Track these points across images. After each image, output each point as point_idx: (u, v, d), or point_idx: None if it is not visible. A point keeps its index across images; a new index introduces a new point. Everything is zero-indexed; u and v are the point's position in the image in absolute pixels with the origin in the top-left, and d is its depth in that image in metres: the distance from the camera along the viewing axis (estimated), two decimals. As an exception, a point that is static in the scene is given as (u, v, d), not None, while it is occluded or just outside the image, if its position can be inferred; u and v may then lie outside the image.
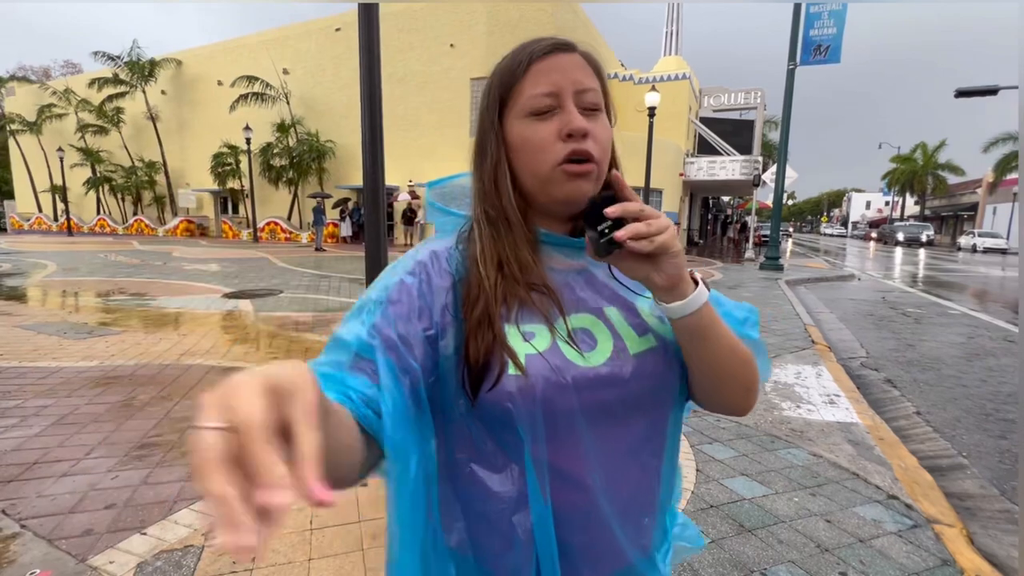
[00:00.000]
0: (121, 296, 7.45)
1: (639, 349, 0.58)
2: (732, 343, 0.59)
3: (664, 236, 0.51)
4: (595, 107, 0.58)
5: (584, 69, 0.58)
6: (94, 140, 26.31)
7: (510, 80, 0.59)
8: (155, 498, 2.17)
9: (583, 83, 0.57)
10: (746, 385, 0.61)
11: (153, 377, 3.88)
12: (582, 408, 0.55)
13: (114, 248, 16.23)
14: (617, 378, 0.57)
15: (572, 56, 0.59)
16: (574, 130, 0.55)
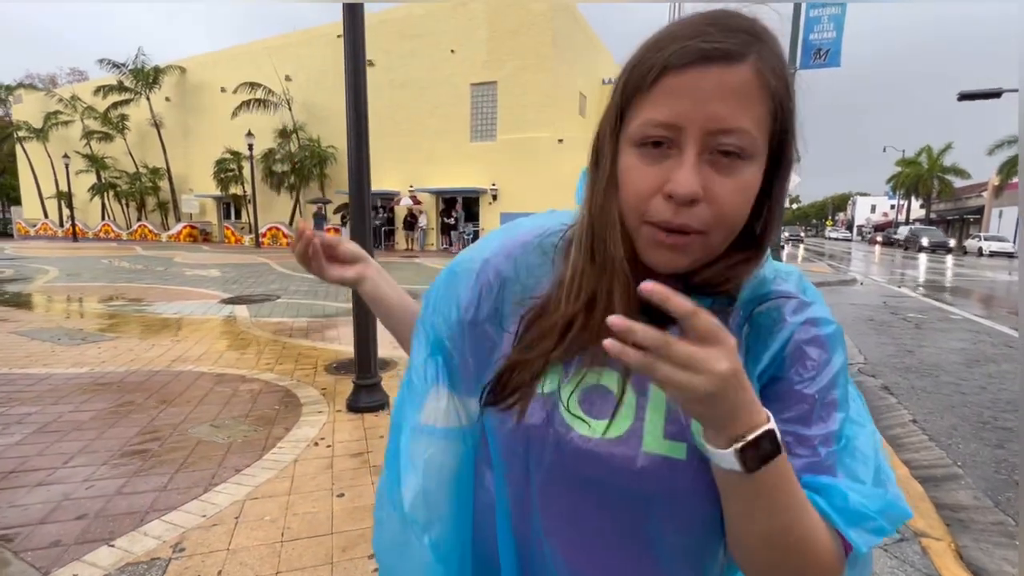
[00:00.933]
0: (118, 302, 7.47)
1: (656, 451, 0.47)
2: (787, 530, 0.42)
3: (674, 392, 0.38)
4: (737, 153, 0.42)
5: (742, 94, 0.42)
6: (99, 147, 26.56)
7: (636, 87, 0.45)
8: (127, 509, 2.14)
9: (723, 121, 0.41)
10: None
11: (141, 384, 3.86)
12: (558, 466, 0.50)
13: (117, 254, 16.32)
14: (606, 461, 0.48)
15: (733, 72, 0.41)
16: (676, 195, 0.42)
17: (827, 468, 0.46)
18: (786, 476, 0.42)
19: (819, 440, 0.46)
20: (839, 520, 0.44)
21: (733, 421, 0.39)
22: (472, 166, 18.64)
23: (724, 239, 0.46)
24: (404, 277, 10.98)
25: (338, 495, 2.31)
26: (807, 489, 0.44)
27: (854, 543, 0.43)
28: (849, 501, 0.44)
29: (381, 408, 3.44)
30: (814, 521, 0.43)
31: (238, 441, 2.88)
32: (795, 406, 0.47)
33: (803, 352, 0.47)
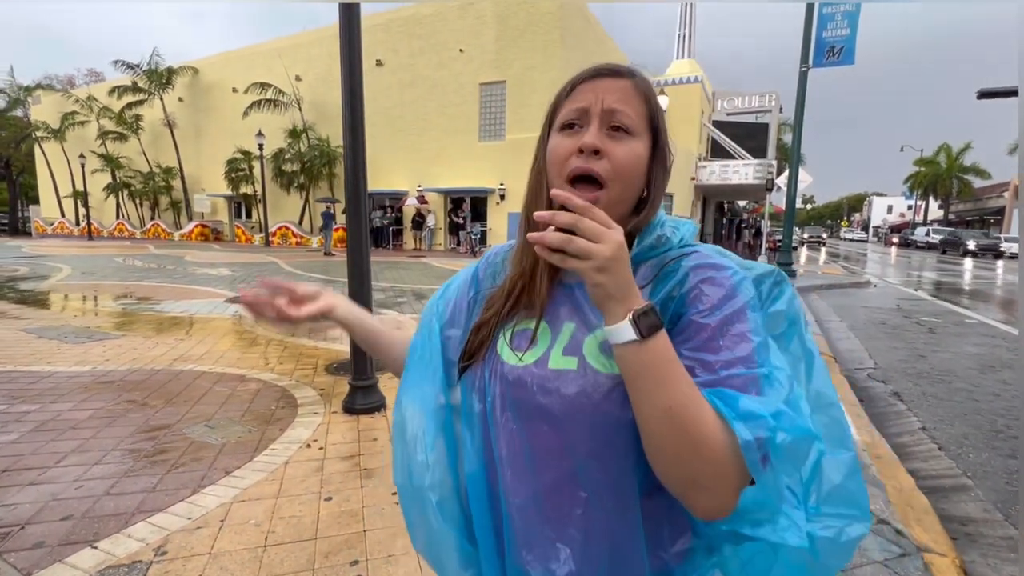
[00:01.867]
0: (127, 300, 7.55)
1: (557, 366, 0.60)
2: (670, 407, 0.49)
3: (578, 263, 0.50)
4: (624, 128, 0.60)
5: (626, 93, 0.61)
6: (114, 146, 26.97)
7: (559, 97, 0.66)
8: (114, 510, 2.13)
9: (614, 104, 0.60)
10: (687, 474, 0.51)
11: (141, 383, 3.88)
12: (496, 396, 0.63)
13: (130, 252, 16.55)
14: (526, 381, 0.61)
15: (618, 81, 0.62)
16: (584, 145, 0.59)
17: (731, 387, 0.52)
18: (670, 353, 0.52)
19: (720, 364, 0.54)
20: (728, 413, 0.50)
21: (628, 295, 0.51)
22: (480, 166, 18.61)
23: (621, 193, 0.61)
24: (411, 277, 10.99)
25: (326, 499, 2.29)
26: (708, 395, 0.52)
27: (739, 434, 0.48)
28: (740, 402, 0.51)
29: (377, 410, 3.42)
30: (707, 409, 0.50)
31: (232, 442, 2.87)
32: (696, 335, 0.56)
33: (700, 291, 0.58)
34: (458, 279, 0.79)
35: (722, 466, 0.49)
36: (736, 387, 0.52)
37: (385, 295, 8.38)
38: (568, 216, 0.50)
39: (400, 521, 2.12)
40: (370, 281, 3.50)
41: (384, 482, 2.47)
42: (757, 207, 36.96)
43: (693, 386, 0.51)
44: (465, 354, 0.69)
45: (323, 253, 16.81)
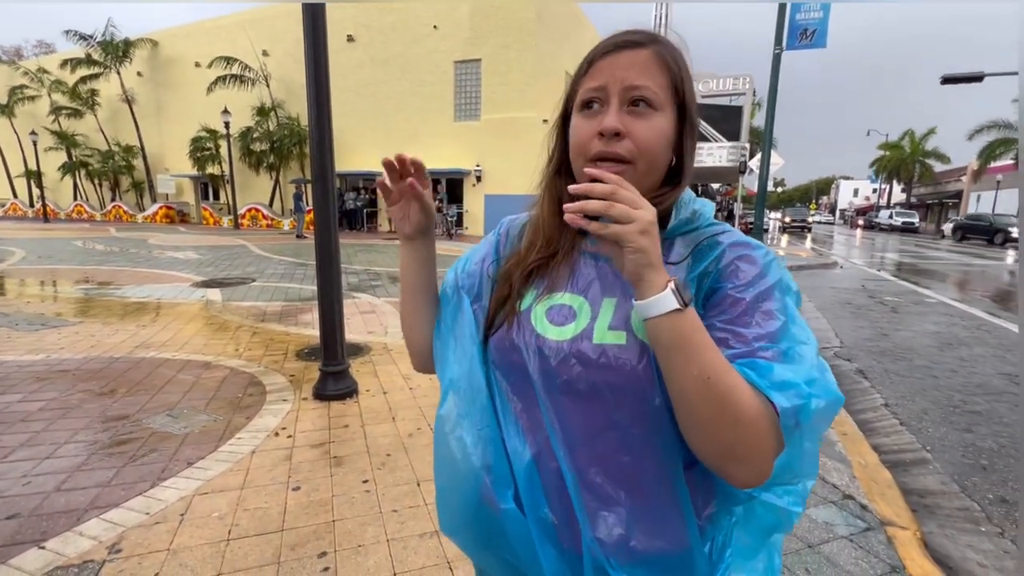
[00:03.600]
0: (85, 285, 7.21)
1: (603, 340, 0.60)
2: (706, 375, 0.51)
3: (621, 228, 0.51)
4: (646, 102, 0.59)
5: (645, 66, 0.59)
6: (68, 123, 25.54)
7: (577, 75, 0.64)
8: (64, 507, 2.03)
9: (633, 80, 0.59)
10: (724, 445, 0.52)
11: (98, 372, 3.71)
12: (537, 371, 0.63)
13: (90, 235, 15.81)
14: (572, 357, 0.61)
15: (636, 53, 0.60)
16: (604, 129, 0.59)
17: (766, 356, 0.54)
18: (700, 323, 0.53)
19: (753, 337, 0.55)
20: (762, 383, 0.52)
21: (662, 265, 0.53)
22: (456, 146, 18.30)
23: (648, 169, 0.60)
24: (386, 260, 10.79)
25: (293, 488, 2.22)
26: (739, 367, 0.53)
27: (777, 402, 0.50)
28: (774, 371, 0.52)
29: (349, 396, 3.34)
30: (740, 379, 0.52)
31: (195, 432, 2.77)
32: (730, 308, 0.57)
33: (736, 267, 0.59)
34: (479, 251, 0.78)
35: (759, 434, 0.51)
36: (767, 359, 0.54)
37: (359, 278, 8.21)
38: (605, 186, 0.51)
39: (371, 510, 2.08)
40: (339, 264, 3.39)
41: (355, 469, 2.41)
42: (730, 190, 37.44)
43: (721, 355, 0.53)
44: (490, 325, 0.70)
45: (295, 236, 16.36)
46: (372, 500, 2.14)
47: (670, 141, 0.61)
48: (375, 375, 3.80)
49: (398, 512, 2.06)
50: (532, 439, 0.64)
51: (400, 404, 3.25)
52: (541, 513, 0.63)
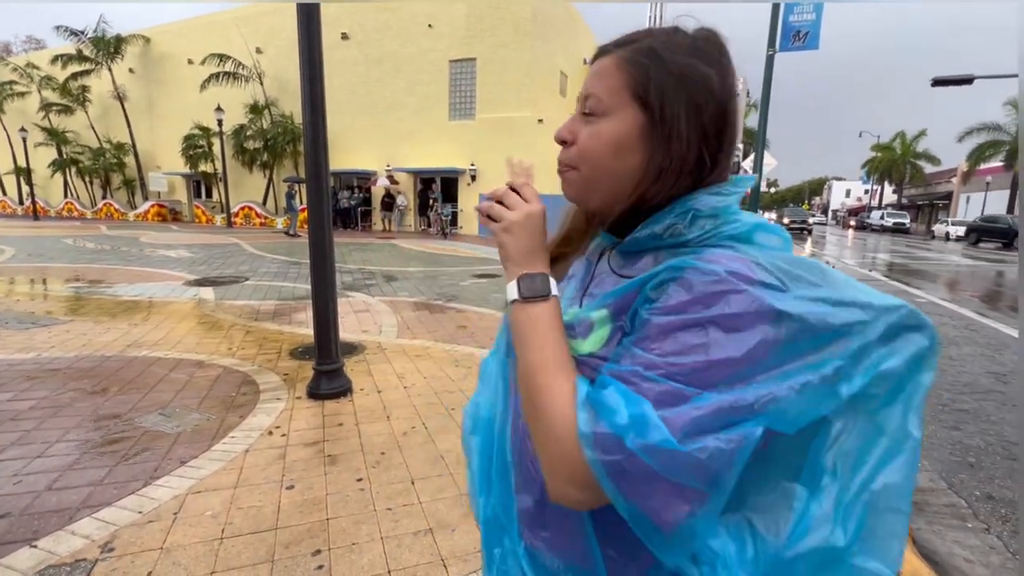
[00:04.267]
0: (77, 283, 7.15)
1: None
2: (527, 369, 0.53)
3: (491, 224, 0.60)
4: (591, 112, 0.58)
5: (601, 72, 0.58)
6: (59, 120, 25.28)
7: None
8: (56, 505, 2.02)
9: (587, 88, 0.59)
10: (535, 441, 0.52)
11: (90, 370, 3.68)
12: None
13: (81, 233, 15.67)
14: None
15: (603, 60, 0.59)
16: (555, 138, 0.61)
17: (627, 381, 0.47)
18: (551, 323, 0.54)
19: (641, 361, 0.47)
20: (580, 396, 0.48)
21: (527, 261, 0.57)
22: (451, 145, 18.28)
23: (593, 176, 0.58)
24: (381, 259, 10.78)
25: (287, 487, 2.22)
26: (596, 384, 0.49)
27: (578, 420, 0.46)
28: (605, 392, 0.47)
29: (343, 394, 3.34)
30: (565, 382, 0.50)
31: (188, 431, 2.76)
32: (639, 329, 0.50)
33: (664, 289, 0.50)
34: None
35: (557, 447, 0.48)
36: (641, 390, 0.45)
37: (353, 278, 8.19)
38: (500, 189, 0.61)
39: (365, 508, 2.09)
40: (333, 262, 3.38)
41: (349, 468, 2.41)
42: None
43: (562, 358, 0.52)
44: None
45: (286, 234, 16.27)
46: (366, 498, 2.15)
47: (623, 146, 0.55)
48: (369, 374, 3.80)
49: (392, 510, 2.07)
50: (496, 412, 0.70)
51: (394, 403, 3.25)
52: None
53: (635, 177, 0.56)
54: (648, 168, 0.55)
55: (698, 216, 0.54)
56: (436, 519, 2.02)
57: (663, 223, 0.55)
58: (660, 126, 0.54)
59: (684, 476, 0.43)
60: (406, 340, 4.72)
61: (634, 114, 0.55)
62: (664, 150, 0.54)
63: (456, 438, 2.76)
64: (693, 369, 0.45)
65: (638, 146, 0.55)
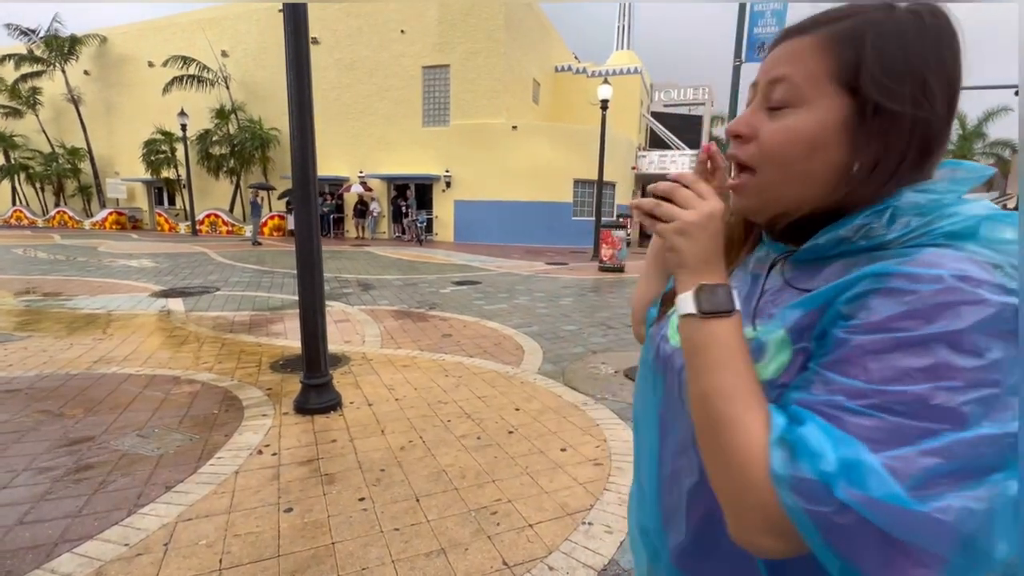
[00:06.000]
0: (31, 296, 6.73)
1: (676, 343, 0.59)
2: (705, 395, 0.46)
3: (661, 225, 0.51)
4: (784, 102, 0.50)
5: (797, 54, 0.49)
6: (7, 123, 23.94)
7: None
8: (31, 541, 1.84)
9: (775, 72, 0.51)
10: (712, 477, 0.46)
11: (55, 390, 3.44)
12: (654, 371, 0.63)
13: (32, 242, 14.81)
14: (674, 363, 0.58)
15: (797, 41, 0.50)
16: (727, 131, 0.54)
17: (829, 416, 0.40)
18: (736, 342, 0.46)
19: (843, 389, 0.40)
20: (775, 432, 0.41)
21: (704, 269, 0.49)
22: (425, 152, 18.14)
23: (778, 181, 0.51)
24: (356, 266, 10.55)
25: (285, 510, 2.10)
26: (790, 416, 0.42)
27: (772, 462, 0.40)
28: (804, 428, 0.40)
29: (333, 409, 3.21)
30: (756, 415, 0.43)
31: (170, 452, 2.59)
32: (833, 351, 0.43)
33: (865, 302, 0.42)
34: None
35: (746, 489, 0.42)
36: (842, 424, 0.39)
37: (329, 286, 7.98)
38: (666, 185, 0.52)
39: (371, 529, 1.99)
40: (321, 271, 3.26)
41: (349, 487, 2.30)
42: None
43: (750, 385, 0.45)
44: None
45: (252, 243, 15.72)
46: (371, 519, 2.05)
47: (820, 143, 0.48)
48: (357, 386, 3.68)
49: (400, 531, 1.98)
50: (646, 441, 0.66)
51: (388, 416, 3.14)
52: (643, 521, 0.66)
53: (828, 178, 0.48)
54: (852, 167, 0.47)
55: (899, 213, 0.46)
56: (447, 538, 1.94)
57: (851, 225, 0.47)
58: (875, 119, 0.46)
59: (921, 538, 0.35)
60: (391, 350, 4.60)
61: (840, 104, 0.47)
62: (878, 145, 0.46)
63: (456, 451, 2.68)
64: (917, 400, 0.37)
65: (838, 142, 0.47)
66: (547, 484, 2.37)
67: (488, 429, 2.97)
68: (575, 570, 1.79)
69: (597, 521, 2.08)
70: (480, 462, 2.56)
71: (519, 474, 2.45)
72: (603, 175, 13.50)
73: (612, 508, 2.18)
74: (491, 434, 2.90)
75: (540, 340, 5.03)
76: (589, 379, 3.94)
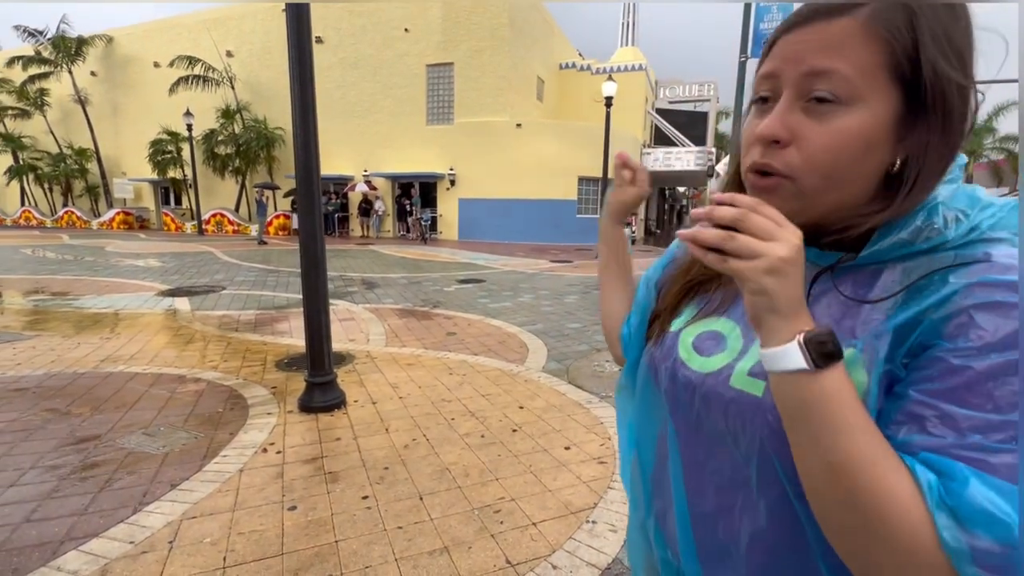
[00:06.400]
0: (39, 296, 6.79)
1: (739, 385, 0.50)
2: (831, 462, 0.38)
3: (739, 264, 0.40)
4: (831, 100, 0.43)
5: (839, 41, 0.42)
6: (15, 124, 24.18)
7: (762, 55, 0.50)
8: (37, 539, 1.86)
9: (815, 64, 0.43)
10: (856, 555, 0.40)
11: (62, 389, 3.47)
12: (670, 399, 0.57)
13: (41, 242, 14.95)
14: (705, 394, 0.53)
15: (831, 24, 0.43)
16: (759, 135, 0.46)
17: (975, 461, 0.36)
18: (852, 395, 0.40)
19: (971, 425, 0.37)
20: (930, 495, 0.36)
21: (798, 312, 0.41)
22: (429, 150, 18.15)
23: (821, 188, 0.45)
24: (361, 265, 10.57)
25: (289, 508, 2.10)
26: (926, 466, 0.38)
27: (940, 532, 0.35)
28: (969, 486, 0.35)
29: (337, 407, 3.22)
30: (901, 478, 0.37)
31: (175, 450, 2.61)
32: (943, 377, 0.39)
33: (970, 318, 0.39)
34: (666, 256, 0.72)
35: (917, 567, 0.36)
36: (983, 466, 0.36)
37: (334, 285, 8.00)
38: (731, 211, 0.41)
39: (374, 527, 1.99)
40: (325, 270, 3.27)
41: (352, 485, 2.31)
42: (697, 193, 38.32)
43: (880, 442, 0.39)
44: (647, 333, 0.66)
45: (257, 242, 15.79)
46: (375, 517, 2.05)
47: (873, 143, 0.43)
48: (361, 384, 3.68)
49: (404, 529, 1.98)
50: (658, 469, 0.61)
51: (392, 414, 3.14)
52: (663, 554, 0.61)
53: (873, 180, 0.45)
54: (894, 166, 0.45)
55: (947, 210, 0.44)
56: (450, 536, 1.94)
57: (910, 227, 0.44)
58: (930, 111, 0.42)
59: None
60: (395, 348, 4.61)
61: (894, 97, 0.43)
62: (931, 139, 0.43)
63: (460, 449, 2.68)
64: None
65: (888, 140, 0.44)
66: (551, 482, 2.36)
67: (492, 427, 2.96)
68: (578, 569, 1.78)
69: (601, 520, 2.08)
70: (484, 460, 2.56)
71: (523, 472, 2.45)
72: (608, 172, 13.46)
73: (616, 506, 2.17)
74: (495, 432, 2.90)
75: (544, 338, 5.02)
76: (593, 377, 3.93)
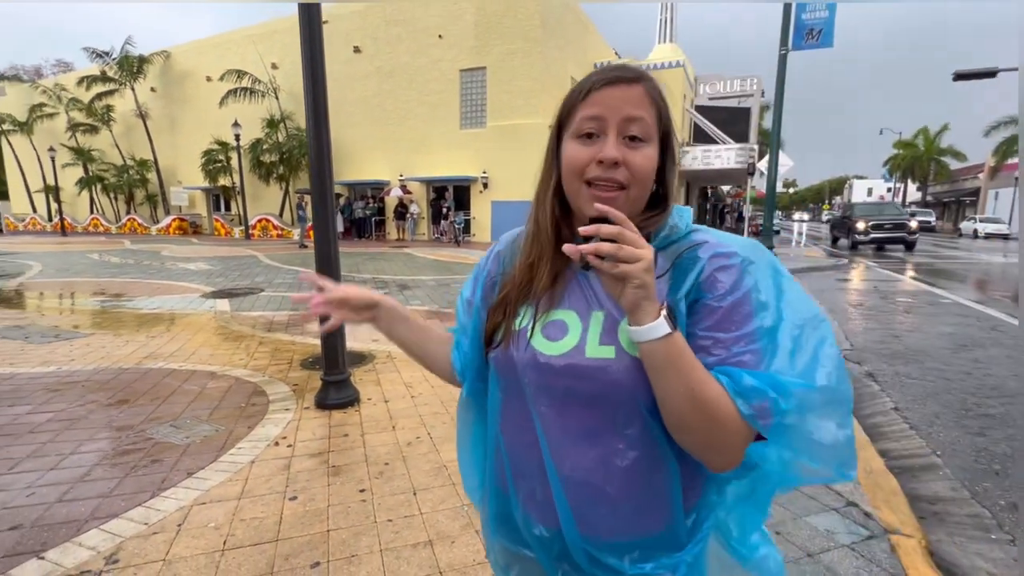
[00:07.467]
0: (99, 297, 7.35)
1: (595, 355, 0.65)
2: (692, 390, 0.58)
3: (628, 266, 0.56)
4: (640, 137, 0.65)
5: (639, 100, 0.65)
6: (85, 139, 26.18)
7: (571, 103, 0.69)
8: (66, 517, 2.05)
9: (630, 112, 0.64)
10: (703, 441, 0.61)
11: (106, 383, 3.76)
12: (533, 385, 0.70)
13: (105, 248, 16.13)
14: (567, 371, 0.67)
15: (631, 88, 0.65)
16: (604, 158, 0.64)
17: (743, 363, 0.60)
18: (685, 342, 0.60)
19: (731, 341, 0.61)
20: (730, 388, 0.59)
21: (655, 294, 0.59)
22: (462, 154, 18.41)
23: (639, 195, 0.67)
24: (394, 268, 10.86)
25: (290, 498, 2.23)
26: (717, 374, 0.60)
27: (740, 408, 0.58)
28: (743, 379, 0.59)
29: (350, 404, 3.36)
30: (717, 386, 0.59)
31: (197, 442, 2.80)
32: (709, 316, 0.63)
33: (715, 278, 0.64)
34: (484, 269, 0.85)
35: (733, 433, 0.59)
36: (744, 363, 0.60)
37: (367, 287, 8.26)
38: (613, 228, 0.56)
39: (366, 519, 2.08)
40: (339, 271, 3.41)
41: (352, 479, 2.41)
42: (739, 191, 37.13)
43: (704, 368, 0.60)
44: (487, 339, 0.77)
45: (299, 246, 16.49)
46: (368, 509, 2.14)
47: (654, 169, 0.67)
48: (378, 383, 3.82)
49: (392, 522, 2.06)
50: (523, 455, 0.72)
51: (401, 413, 3.25)
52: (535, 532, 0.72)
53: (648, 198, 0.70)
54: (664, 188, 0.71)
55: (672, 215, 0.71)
56: (436, 531, 2.01)
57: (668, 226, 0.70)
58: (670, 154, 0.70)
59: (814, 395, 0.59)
60: (416, 349, 4.72)
61: (656, 145, 0.67)
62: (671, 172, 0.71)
63: (461, 447, 2.74)
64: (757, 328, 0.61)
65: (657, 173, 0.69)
66: (544, 482, 2.39)
67: (495, 427, 3.01)
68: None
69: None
70: (482, 458, 2.61)
71: (518, 471, 2.49)
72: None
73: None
74: (497, 432, 2.94)
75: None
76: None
